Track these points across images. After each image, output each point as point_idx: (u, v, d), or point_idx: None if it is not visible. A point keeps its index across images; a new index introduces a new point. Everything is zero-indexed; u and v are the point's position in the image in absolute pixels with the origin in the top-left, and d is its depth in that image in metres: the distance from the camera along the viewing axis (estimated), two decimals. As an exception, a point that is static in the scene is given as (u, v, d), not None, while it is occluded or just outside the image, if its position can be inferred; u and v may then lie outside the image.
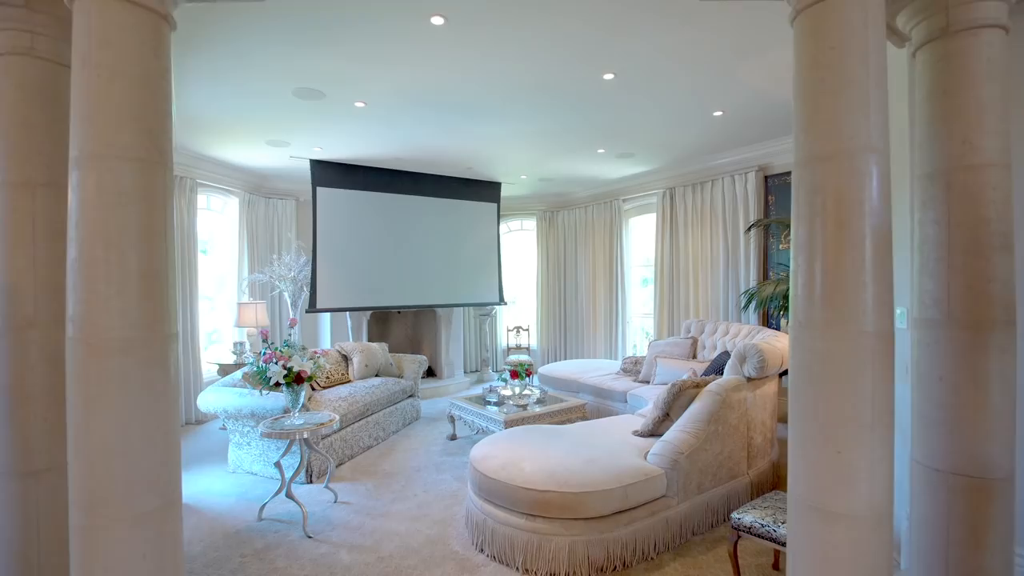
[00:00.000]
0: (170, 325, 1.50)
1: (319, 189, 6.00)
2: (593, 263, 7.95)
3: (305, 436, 3.07)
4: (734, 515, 2.40)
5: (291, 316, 3.72)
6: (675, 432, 3.04)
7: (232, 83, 3.65)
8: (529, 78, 3.61)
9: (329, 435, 4.02)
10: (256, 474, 3.98)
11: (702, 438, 3.00)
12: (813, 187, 1.38)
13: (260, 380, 3.03)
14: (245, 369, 4.03)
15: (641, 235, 7.84)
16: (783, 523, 2.22)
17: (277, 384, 3.06)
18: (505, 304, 7.93)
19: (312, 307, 6.02)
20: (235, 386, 4.03)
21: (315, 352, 3.29)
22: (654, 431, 3.37)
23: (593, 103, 4.11)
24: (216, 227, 6.71)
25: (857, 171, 1.32)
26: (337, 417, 3.36)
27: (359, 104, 4.08)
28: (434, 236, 6.98)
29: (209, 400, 3.88)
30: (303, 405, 3.43)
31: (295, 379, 3.06)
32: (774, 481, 3.58)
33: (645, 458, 3.01)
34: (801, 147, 1.41)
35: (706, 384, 3.34)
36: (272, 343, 3.14)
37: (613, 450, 3.05)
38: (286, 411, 3.39)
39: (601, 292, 7.84)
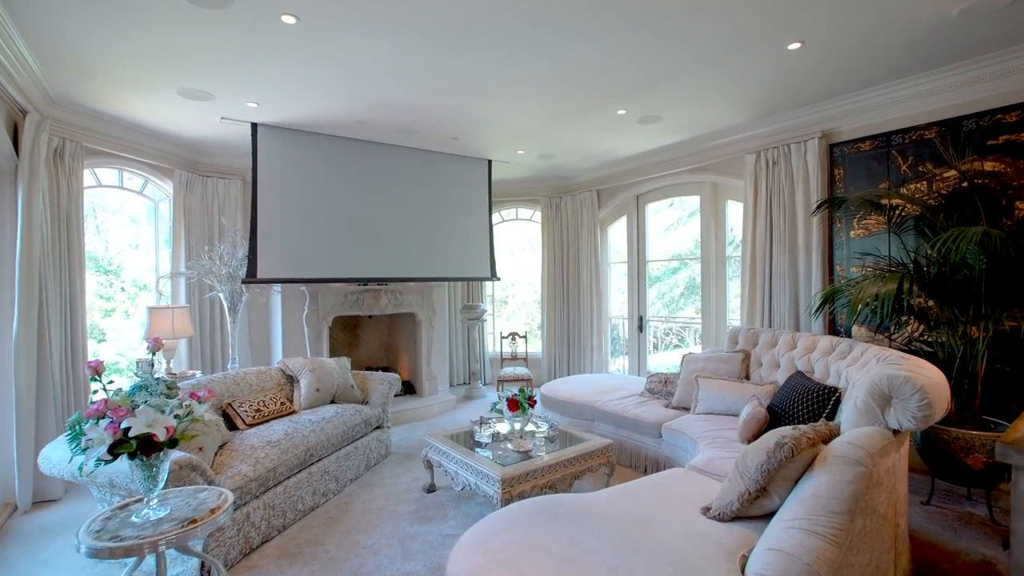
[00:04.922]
0: None
1: (260, 127, 4.63)
2: (597, 259, 6.68)
3: (163, 548, 1.78)
4: None
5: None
6: (794, 532, 1.79)
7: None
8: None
9: (231, 517, 2.70)
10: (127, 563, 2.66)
11: (844, 542, 1.75)
12: None
13: (74, 449, 1.73)
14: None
15: (656, 225, 6.62)
16: None
17: (114, 454, 1.76)
18: (498, 279, 6.53)
19: (251, 276, 4.65)
20: (103, 433, 2.71)
21: (193, 395, 1.98)
22: (741, 512, 2.14)
23: (627, 24, 2.85)
24: (141, 211, 5.37)
25: None
26: (231, 500, 2.06)
27: (287, 19, 2.79)
28: (411, 193, 5.57)
29: (52, 458, 2.54)
30: (172, 474, 2.14)
31: (142, 446, 1.76)
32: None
33: (741, 572, 1.78)
34: None
35: (824, 440, 2.10)
36: (110, 382, 1.84)
37: (685, 557, 1.81)
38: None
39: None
